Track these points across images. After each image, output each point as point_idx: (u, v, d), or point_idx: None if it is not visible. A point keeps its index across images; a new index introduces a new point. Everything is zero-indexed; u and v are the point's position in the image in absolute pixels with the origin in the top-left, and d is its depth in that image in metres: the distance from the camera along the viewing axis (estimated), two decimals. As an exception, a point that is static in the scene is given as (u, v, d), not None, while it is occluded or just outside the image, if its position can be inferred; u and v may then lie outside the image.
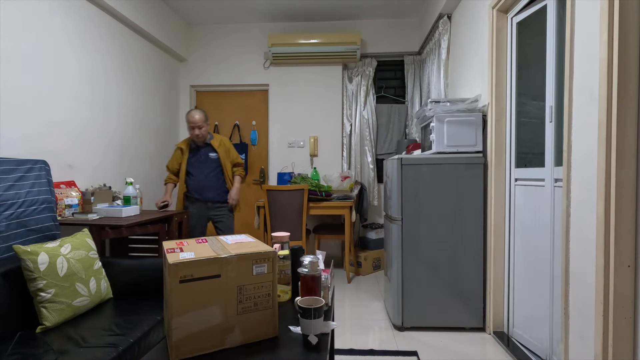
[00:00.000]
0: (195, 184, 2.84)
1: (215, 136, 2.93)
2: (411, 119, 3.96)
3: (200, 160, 2.86)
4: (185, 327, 0.95)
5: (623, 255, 1.23)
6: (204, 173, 2.84)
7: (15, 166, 1.68)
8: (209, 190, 2.86)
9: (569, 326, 1.47)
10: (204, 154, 2.86)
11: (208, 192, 2.86)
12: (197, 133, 2.76)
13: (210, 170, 2.86)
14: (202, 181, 2.84)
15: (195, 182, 2.84)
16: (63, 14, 2.34)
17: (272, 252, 1.07)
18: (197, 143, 2.85)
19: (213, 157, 2.88)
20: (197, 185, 2.84)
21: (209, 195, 2.86)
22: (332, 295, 1.43)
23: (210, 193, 2.86)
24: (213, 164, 2.88)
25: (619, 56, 1.22)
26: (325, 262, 1.46)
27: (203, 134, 2.79)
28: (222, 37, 3.99)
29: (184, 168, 2.84)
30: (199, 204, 2.87)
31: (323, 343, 1.03)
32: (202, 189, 2.84)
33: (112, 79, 2.85)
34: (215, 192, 2.87)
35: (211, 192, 2.86)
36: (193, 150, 2.87)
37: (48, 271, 1.42)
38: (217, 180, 2.88)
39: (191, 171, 2.84)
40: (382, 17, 3.87)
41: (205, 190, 2.85)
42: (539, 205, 1.87)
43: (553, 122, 1.77)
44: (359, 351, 2.02)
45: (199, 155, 2.86)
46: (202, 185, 2.84)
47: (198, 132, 2.76)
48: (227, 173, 2.90)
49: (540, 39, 1.87)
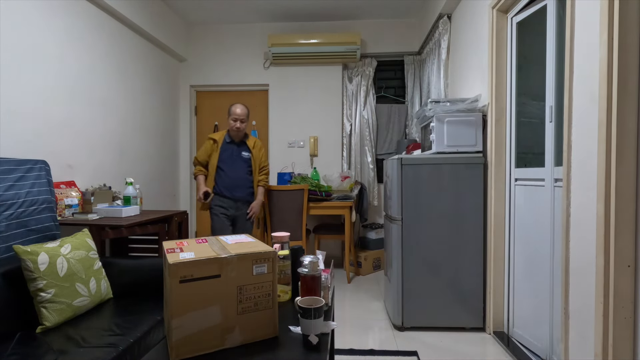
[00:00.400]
0: (226, 181, 2.73)
1: (250, 137, 2.87)
2: (411, 119, 3.96)
3: (232, 157, 2.76)
4: (185, 327, 0.95)
5: (623, 255, 1.23)
6: (236, 172, 2.75)
7: (15, 166, 1.68)
8: (240, 189, 2.76)
9: (569, 326, 1.47)
10: (237, 151, 2.77)
11: (239, 190, 2.76)
12: (239, 126, 2.70)
13: (242, 169, 2.77)
14: (235, 179, 2.74)
15: (226, 179, 2.73)
16: (63, 14, 2.34)
17: (272, 252, 1.07)
18: (233, 138, 2.77)
19: (246, 156, 2.79)
20: (228, 183, 2.73)
21: (239, 194, 2.76)
22: (332, 295, 1.43)
23: (241, 192, 2.77)
24: (245, 163, 2.79)
25: (619, 56, 1.22)
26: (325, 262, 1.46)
27: (243, 129, 2.74)
28: (222, 37, 3.99)
29: (214, 163, 2.74)
30: (229, 203, 2.75)
31: (323, 343, 1.03)
32: (234, 187, 2.74)
33: (112, 78, 2.85)
34: (245, 191, 2.79)
35: (241, 191, 2.77)
36: (226, 146, 2.77)
37: (48, 271, 1.42)
38: (248, 180, 2.80)
39: (223, 167, 2.74)
40: (382, 17, 3.87)
41: (236, 188, 2.75)
42: (539, 205, 1.87)
43: (553, 122, 1.77)
44: (359, 351, 2.02)
45: (231, 152, 2.76)
46: (234, 183, 2.74)
47: (240, 125, 2.70)
48: (255, 177, 2.83)
49: (540, 39, 1.87)
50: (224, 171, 2.74)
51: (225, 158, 2.75)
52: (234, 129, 2.72)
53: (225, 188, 2.73)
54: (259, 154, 2.84)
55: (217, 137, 2.78)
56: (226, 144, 2.77)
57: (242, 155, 2.78)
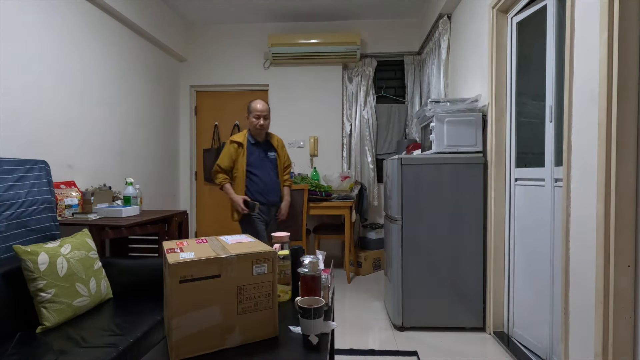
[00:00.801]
0: (260, 186, 2.55)
1: (272, 134, 2.70)
2: (411, 119, 3.95)
3: (260, 160, 2.57)
4: (185, 327, 0.95)
5: (623, 255, 1.23)
6: (268, 175, 2.57)
7: (15, 166, 1.68)
8: (273, 192, 2.60)
9: (569, 326, 1.47)
10: (263, 152, 2.59)
11: (272, 194, 2.60)
12: (263, 124, 2.51)
13: (272, 171, 2.60)
14: (268, 183, 2.57)
15: (260, 183, 2.55)
16: (63, 14, 2.34)
17: (272, 252, 1.07)
18: (256, 138, 2.58)
19: (272, 156, 2.62)
20: (262, 187, 2.55)
21: (273, 197, 2.61)
22: (332, 295, 1.43)
23: (274, 195, 2.61)
24: (272, 164, 2.61)
25: (619, 56, 1.22)
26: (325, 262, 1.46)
27: (267, 127, 2.56)
28: (222, 37, 3.99)
29: (243, 168, 2.53)
30: (264, 208, 2.58)
31: (323, 343, 1.03)
32: (267, 191, 2.57)
33: (112, 78, 2.85)
34: (277, 194, 2.64)
35: (275, 194, 2.61)
36: (252, 149, 2.56)
37: (48, 271, 1.42)
38: (277, 183, 2.64)
39: (254, 172, 2.55)
40: (382, 17, 3.87)
41: (269, 192, 2.58)
42: (539, 205, 1.87)
43: (553, 122, 1.77)
44: (359, 351, 2.02)
45: (258, 154, 2.57)
46: (267, 187, 2.57)
47: (263, 122, 2.52)
48: (281, 177, 2.67)
49: (540, 39, 1.87)
50: (256, 176, 2.55)
51: (253, 161, 2.55)
52: (257, 127, 2.52)
53: (259, 193, 2.56)
54: (283, 153, 2.69)
55: (240, 140, 2.57)
56: (251, 145, 2.57)
57: (269, 156, 2.60)
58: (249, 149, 2.56)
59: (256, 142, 2.58)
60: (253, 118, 2.52)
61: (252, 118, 2.52)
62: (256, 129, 2.53)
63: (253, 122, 2.52)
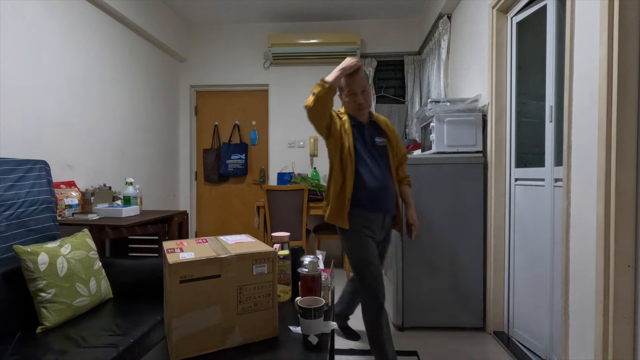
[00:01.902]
0: (372, 186, 1.68)
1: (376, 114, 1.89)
2: (411, 119, 3.95)
3: (367, 147, 1.73)
4: (185, 327, 0.95)
5: (623, 255, 1.23)
6: (379, 169, 1.71)
7: (15, 166, 1.68)
8: (390, 197, 1.73)
9: (569, 326, 1.47)
10: (369, 137, 1.75)
11: (386, 199, 1.71)
12: (361, 101, 1.72)
13: (385, 165, 1.76)
14: (380, 182, 1.69)
15: (373, 182, 1.68)
16: (63, 14, 2.34)
17: (272, 252, 1.07)
18: (358, 119, 1.77)
19: (380, 143, 1.77)
20: (375, 188, 1.68)
21: (389, 204, 1.73)
22: (332, 295, 1.43)
23: (389, 201, 1.73)
24: (384, 154, 1.77)
25: (619, 56, 1.22)
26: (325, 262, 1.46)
27: (370, 104, 1.76)
28: (222, 37, 3.99)
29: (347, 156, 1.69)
30: (376, 220, 1.71)
31: (323, 343, 1.03)
32: (383, 195, 1.70)
33: (112, 78, 2.85)
34: (392, 199, 1.76)
35: (389, 199, 1.73)
36: (356, 133, 1.74)
37: (48, 271, 1.42)
38: (392, 181, 1.77)
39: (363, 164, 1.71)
40: (382, 17, 3.87)
41: (382, 196, 1.70)
42: (539, 205, 1.87)
43: (553, 122, 1.77)
44: (359, 351, 2.02)
45: (364, 140, 1.74)
46: (380, 187, 1.69)
47: (362, 99, 1.72)
48: (393, 172, 1.79)
49: (540, 39, 1.87)
50: (363, 171, 1.69)
51: (360, 150, 1.71)
52: (355, 106, 1.73)
53: (370, 198, 1.68)
54: (395, 138, 1.83)
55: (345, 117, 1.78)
56: (354, 127, 1.74)
57: (377, 143, 1.76)
58: (353, 133, 1.73)
59: (358, 122, 1.75)
60: (347, 96, 1.72)
61: (346, 96, 1.73)
62: (356, 110, 1.74)
63: (348, 102, 1.74)
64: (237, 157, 3.97)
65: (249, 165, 4.05)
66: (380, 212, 1.71)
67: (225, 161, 3.97)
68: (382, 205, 1.71)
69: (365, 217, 1.69)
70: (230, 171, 3.96)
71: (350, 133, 1.70)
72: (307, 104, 1.61)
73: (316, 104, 1.59)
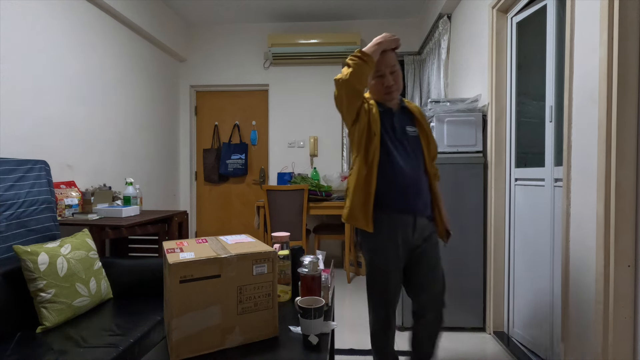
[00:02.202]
0: (399, 183, 1.42)
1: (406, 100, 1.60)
2: (411, 119, 3.95)
3: (396, 136, 1.46)
4: (185, 327, 0.95)
5: (623, 255, 1.23)
6: (410, 160, 1.45)
7: (15, 166, 1.68)
8: (418, 193, 1.45)
9: (569, 326, 1.47)
10: (399, 125, 1.48)
11: (417, 197, 1.44)
12: (390, 83, 1.46)
13: (417, 157, 1.48)
14: (411, 175, 1.43)
15: (397, 176, 1.42)
16: (63, 14, 2.34)
17: (272, 252, 1.07)
18: (386, 104, 1.50)
19: (412, 132, 1.49)
20: (402, 183, 1.42)
21: (418, 203, 1.44)
22: (332, 295, 1.43)
23: (420, 199, 1.45)
24: (414, 146, 1.49)
25: (619, 56, 1.22)
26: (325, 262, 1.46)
27: (400, 86, 1.50)
28: (222, 37, 3.99)
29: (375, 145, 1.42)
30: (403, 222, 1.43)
31: (323, 343, 1.03)
32: (410, 191, 1.43)
33: (111, 78, 2.84)
34: (425, 197, 1.47)
35: (420, 197, 1.45)
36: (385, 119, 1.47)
37: (48, 271, 1.42)
38: (424, 176, 1.49)
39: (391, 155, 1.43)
40: (381, 17, 3.87)
41: (413, 194, 1.43)
42: (539, 205, 1.87)
43: (553, 122, 1.77)
44: (359, 351, 2.02)
45: (393, 128, 1.47)
46: (411, 182, 1.43)
47: (391, 81, 1.46)
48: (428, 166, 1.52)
49: (540, 39, 1.87)
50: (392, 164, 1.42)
51: (388, 139, 1.45)
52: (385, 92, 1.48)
53: (397, 195, 1.42)
54: (428, 127, 1.55)
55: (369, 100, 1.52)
56: (382, 114, 1.47)
57: (408, 132, 1.49)
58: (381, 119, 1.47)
59: (386, 109, 1.49)
60: (374, 77, 1.49)
61: (373, 78, 1.49)
62: (384, 94, 1.48)
63: (376, 85, 1.49)
64: (237, 157, 3.97)
65: (249, 165, 4.05)
66: (409, 212, 1.42)
67: (225, 161, 3.97)
68: (412, 204, 1.42)
69: (390, 221, 1.41)
70: (230, 171, 3.96)
71: (377, 120, 1.44)
72: (341, 77, 1.37)
73: (352, 77, 1.34)
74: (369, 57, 1.36)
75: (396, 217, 1.43)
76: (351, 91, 1.37)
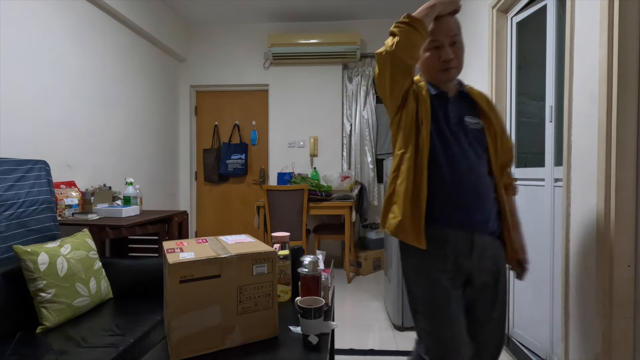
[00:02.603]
0: (446, 185, 1.11)
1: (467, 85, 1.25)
2: (411, 119, 3.95)
3: (450, 129, 1.14)
4: (185, 327, 0.95)
5: (623, 255, 1.23)
6: (469, 160, 1.12)
7: (15, 166, 1.68)
8: (476, 202, 1.11)
9: (569, 326, 1.47)
10: (456, 114, 1.16)
11: (474, 207, 1.11)
12: (449, 56, 1.12)
13: (479, 156, 1.15)
14: (469, 180, 1.11)
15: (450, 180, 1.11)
16: (63, 14, 2.34)
17: (272, 252, 1.07)
18: (441, 87, 1.18)
19: (473, 125, 1.17)
20: (456, 189, 1.11)
21: (476, 215, 1.11)
22: (332, 295, 1.43)
23: (479, 210, 1.11)
24: (474, 139, 1.15)
25: (619, 56, 1.21)
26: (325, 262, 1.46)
27: (459, 62, 1.16)
28: (222, 37, 3.99)
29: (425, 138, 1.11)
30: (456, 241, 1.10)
31: (323, 343, 1.03)
32: (467, 201, 1.10)
33: (111, 78, 2.84)
34: (487, 208, 1.12)
35: (480, 207, 1.11)
36: (436, 106, 1.16)
37: (48, 271, 1.42)
38: (488, 181, 1.15)
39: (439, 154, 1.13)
40: (382, 17, 3.87)
41: (471, 204, 1.10)
42: (539, 205, 1.87)
43: (553, 122, 1.77)
44: (359, 351, 2.02)
45: (447, 118, 1.15)
46: (468, 189, 1.11)
47: (451, 53, 1.13)
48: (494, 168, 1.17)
49: (540, 39, 1.87)
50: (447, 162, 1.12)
51: (439, 129, 1.14)
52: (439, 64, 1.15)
53: (448, 203, 1.11)
54: (495, 117, 1.20)
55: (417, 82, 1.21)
56: (434, 99, 1.16)
57: (468, 123, 1.16)
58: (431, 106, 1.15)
59: (440, 93, 1.17)
60: (428, 49, 1.16)
61: (426, 50, 1.16)
62: (439, 71, 1.15)
63: (429, 59, 1.16)
64: (237, 157, 3.97)
65: (249, 165, 4.05)
66: (464, 228, 1.08)
67: (225, 161, 3.97)
68: (468, 217, 1.08)
69: (438, 237, 1.09)
70: (230, 171, 3.96)
71: (428, 104, 1.13)
72: (384, 49, 1.06)
73: (399, 49, 1.03)
74: (420, 22, 1.05)
75: (446, 232, 1.09)
76: (397, 66, 1.07)
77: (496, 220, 1.15)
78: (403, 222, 1.11)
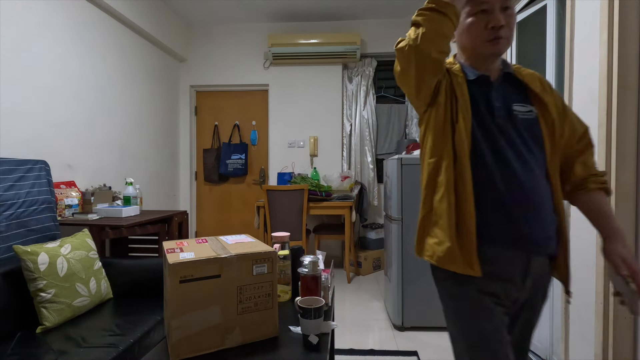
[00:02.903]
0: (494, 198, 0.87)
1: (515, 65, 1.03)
2: (411, 119, 3.96)
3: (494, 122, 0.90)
4: (185, 327, 0.95)
5: (623, 255, 1.23)
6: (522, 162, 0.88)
7: (15, 166, 1.68)
8: (535, 216, 0.86)
9: (569, 326, 1.47)
10: (501, 102, 0.92)
11: (532, 222, 0.86)
12: (501, 23, 0.86)
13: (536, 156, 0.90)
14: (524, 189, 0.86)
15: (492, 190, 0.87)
16: (63, 14, 2.34)
17: (272, 252, 1.07)
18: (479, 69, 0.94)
19: (524, 114, 0.91)
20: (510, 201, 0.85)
21: (535, 232, 0.86)
22: (332, 295, 1.43)
23: (539, 226, 0.86)
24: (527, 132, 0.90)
25: (619, 56, 1.21)
26: (325, 262, 1.46)
27: (510, 34, 0.90)
28: (222, 37, 3.99)
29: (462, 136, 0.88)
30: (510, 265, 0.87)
31: (323, 343, 1.03)
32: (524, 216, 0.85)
33: (112, 79, 2.84)
34: (547, 224, 0.87)
35: (540, 222, 0.86)
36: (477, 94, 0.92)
37: (48, 271, 1.42)
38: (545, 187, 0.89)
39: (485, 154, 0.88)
40: (381, 17, 3.87)
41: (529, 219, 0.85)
42: (539, 205, 1.87)
43: (553, 122, 1.77)
44: (359, 351, 2.02)
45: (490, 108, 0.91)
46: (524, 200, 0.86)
47: (502, 20, 0.86)
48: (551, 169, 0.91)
49: (540, 39, 1.87)
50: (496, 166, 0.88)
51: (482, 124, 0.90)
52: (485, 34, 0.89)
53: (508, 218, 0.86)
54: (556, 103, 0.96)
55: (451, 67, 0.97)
56: (472, 86, 0.93)
57: (516, 112, 0.91)
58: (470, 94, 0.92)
59: (480, 76, 0.94)
60: (471, 14, 0.90)
61: (469, 15, 0.91)
62: (485, 42, 0.90)
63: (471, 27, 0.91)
64: (237, 157, 3.97)
65: (249, 165, 4.05)
66: (522, 249, 0.87)
67: (225, 161, 3.97)
68: (524, 235, 0.86)
69: (487, 261, 0.87)
70: (230, 171, 3.96)
71: (466, 96, 0.91)
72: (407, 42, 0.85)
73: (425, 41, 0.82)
74: (450, 7, 0.82)
75: (497, 255, 0.87)
76: (424, 63, 0.84)
77: (555, 238, 0.90)
78: (452, 249, 0.87)
